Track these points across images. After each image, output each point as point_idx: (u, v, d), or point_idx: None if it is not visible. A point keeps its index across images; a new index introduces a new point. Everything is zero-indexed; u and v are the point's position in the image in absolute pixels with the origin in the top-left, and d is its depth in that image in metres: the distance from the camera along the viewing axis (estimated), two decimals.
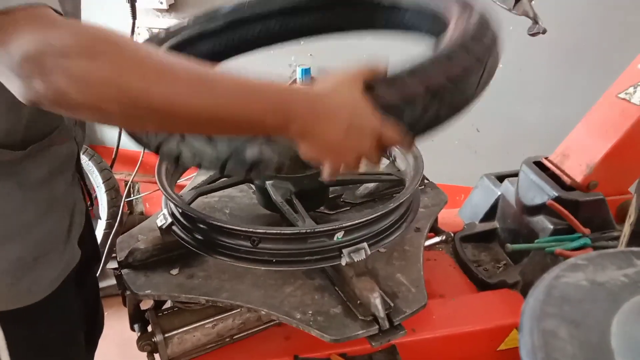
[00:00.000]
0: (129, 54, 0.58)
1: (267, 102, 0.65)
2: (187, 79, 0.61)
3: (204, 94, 0.62)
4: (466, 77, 0.80)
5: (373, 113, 0.72)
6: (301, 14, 1.25)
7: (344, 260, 0.94)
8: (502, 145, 2.13)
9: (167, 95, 0.60)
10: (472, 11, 0.91)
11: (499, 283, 1.29)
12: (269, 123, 0.66)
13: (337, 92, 0.70)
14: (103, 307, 1.29)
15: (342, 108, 0.69)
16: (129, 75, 0.58)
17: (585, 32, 1.86)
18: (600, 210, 1.26)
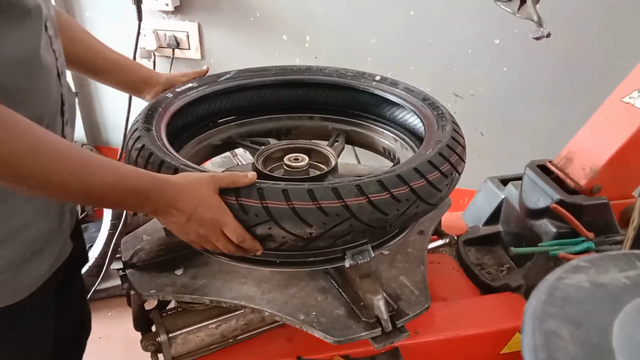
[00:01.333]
0: (28, 139, 0.68)
1: (129, 188, 0.80)
2: (74, 167, 0.73)
3: (92, 181, 0.75)
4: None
5: (219, 207, 0.85)
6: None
7: (347, 262, 0.94)
8: (506, 149, 2.13)
9: (55, 178, 0.72)
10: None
11: (502, 286, 1.29)
12: (130, 204, 0.83)
13: (189, 184, 0.85)
14: (90, 308, 1.29)
15: (187, 197, 0.84)
16: (26, 160, 0.68)
17: (589, 35, 1.86)
18: (604, 214, 1.25)
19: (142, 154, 0.95)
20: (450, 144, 1.00)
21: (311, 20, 2.12)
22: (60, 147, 0.73)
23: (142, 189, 0.81)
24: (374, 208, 0.84)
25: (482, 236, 1.48)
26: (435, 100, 1.21)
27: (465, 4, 1.91)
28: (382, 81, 1.30)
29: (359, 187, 0.84)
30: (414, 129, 1.24)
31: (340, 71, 1.35)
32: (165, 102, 1.15)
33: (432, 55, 2.03)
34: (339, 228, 0.83)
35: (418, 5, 1.97)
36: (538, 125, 2.04)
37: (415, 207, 0.88)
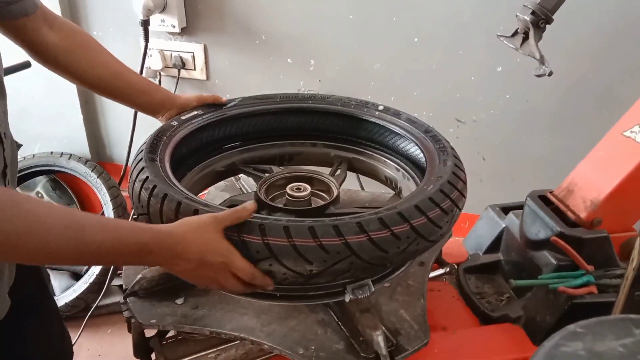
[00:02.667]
0: (19, 219, 0.68)
1: (129, 247, 0.79)
2: (65, 231, 0.72)
3: (75, 241, 0.73)
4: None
5: (226, 249, 0.85)
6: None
7: (347, 297, 0.94)
8: (508, 174, 2.14)
9: (51, 249, 0.72)
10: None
11: (502, 317, 1.29)
12: (127, 260, 0.83)
13: (192, 231, 0.84)
14: (69, 334, 1.28)
15: (192, 246, 0.83)
16: (19, 238, 0.68)
17: (592, 64, 1.87)
18: (604, 247, 1.26)
19: (146, 185, 0.96)
20: (451, 180, 1.01)
21: (316, 44, 2.14)
22: (53, 216, 0.73)
23: (143, 245, 0.80)
24: (374, 246, 0.85)
25: (482, 264, 1.48)
26: (438, 132, 1.22)
27: (469, 31, 1.93)
28: (384, 111, 1.32)
29: (360, 225, 0.85)
30: (416, 159, 1.25)
31: (343, 100, 1.36)
32: (170, 131, 1.17)
33: (436, 81, 2.05)
34: (340, 265, 0.84)
35: (422, 32, 1.99)
36: (540, 152, 2.05)
37: (416, 244, 0.89)
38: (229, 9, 2.19)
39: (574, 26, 1.78)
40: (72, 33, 1.12)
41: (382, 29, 2.03)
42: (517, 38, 1.25)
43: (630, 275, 0.91)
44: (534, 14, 1.21)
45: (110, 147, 2.70)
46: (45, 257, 0.76)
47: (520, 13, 1.24)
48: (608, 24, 1.80)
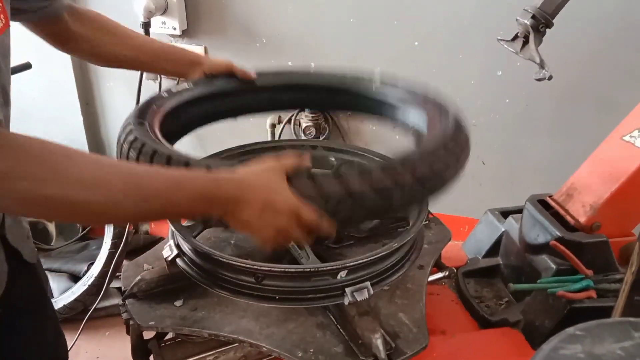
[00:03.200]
0: (74, 174, 0.67)
1: (188, 196, 0.75)
2: (119, 187, 0.70)
3: (136, 198, 0.71)
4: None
5: (290, 196, 0.80)
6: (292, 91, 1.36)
7: (346, 300, 0.95)
8: (507, 178, 2.14)
9: (109, 204, 0.69)
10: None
11: (501, 321, 1.29)
12: (193, 213, 0.79)
13: (256, 176, 0.80)
14: (65, 339, 1.27)
15: (257, 189, 0.79)
16: (75, 194, 0.67)
17: (591, 69, 1.88)
18: (603, 252, 1.26)
19: (134, 145, 0.93)
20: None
21: (316, 47, 2.14)
22: (109, 172, 0.71)
23: (203, 192, 0.76)
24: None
25: (481, 268, 1.48)
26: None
27: (469, 35, 1.93)
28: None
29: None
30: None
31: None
32: (160, 100, 1.15)
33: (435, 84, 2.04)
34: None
35: (422, 36, 1.99)
36: (540, 156, 2.05)
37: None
38: (230, 11, 2.19)
39: (574, 31, 1.78)
40: (92, 19, 1.16)
41: (383, 33, 2.03)
42: (517, 42, 1.26)
43: (630, 279, 0.91)
44: (534, 18, 1.21)
45: (110, 149, 2.70)
46: (106, 217, 0.73)
47: (520, 17, 1.24)
48: (607, 29, 1.80)
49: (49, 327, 1.19)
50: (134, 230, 2.74)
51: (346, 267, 0.96)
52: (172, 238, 1.11)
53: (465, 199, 2.15)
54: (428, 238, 1.28)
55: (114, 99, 2.55)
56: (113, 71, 2.45)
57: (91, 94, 2.57)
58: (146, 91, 2.29)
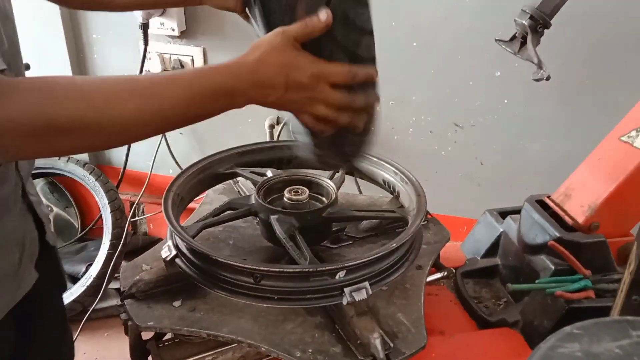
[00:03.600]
0: (91, 97, 0.66)
1: (211, 95, 0.73)
2: (133, 100, 0.68)
3: (154, 107, 0.69)
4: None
5: (308, 62, 0.77)
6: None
7: (345, 300, 0.94)
8: (506, 179, 2.14)
9: (127, 115, 0.67)
10: None
11: (499, 321, 1.29)
12: (216, 108, 0.75)
13: (269, 55, 0.75)
14: (72, 333, 1.28)
15: (275, 69, 0.75)
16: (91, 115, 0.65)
17: (590, 70, 1.88)
18: (602, 252, 1.26)
19: None
20: None
21: None
22: (117, 83, 0.69)
23: (219, 87, 0.73)
24: None
25: (480, 269, 1.48)
26: None
27: (468, 37, 1.93)
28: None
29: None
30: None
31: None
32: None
33: (434, 85, 2.05)
34: None
35: (421, 37, 1.99)
36: (538, 157, 2.06)
37: None
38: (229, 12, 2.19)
39: (572, 31, 1.79)
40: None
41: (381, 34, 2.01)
42: (515, 43, 1.26)
43: (628, 279, 0.91)
44: (532, 19, 1.22)
45: (108, 150, 2.70)
46: (124, 133, 0.70)
47: (518, 18, 1.25)
48: (606, 30, 1.81)
49: (61, 320, 1.22)
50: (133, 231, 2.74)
51: (345, 267, 0.96)
52: (170, 238, 1.11)
53: (463, 200, 2.16)
54: (426, 238, 1.28)
55: None
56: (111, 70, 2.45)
57: None
58: None
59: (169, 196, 1.15)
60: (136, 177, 2.59)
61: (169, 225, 1.07)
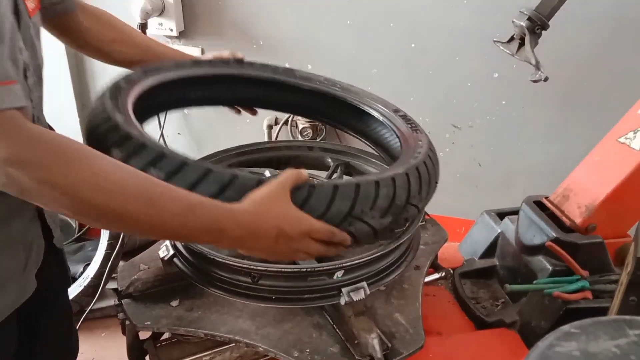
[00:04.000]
0: (82, 171, 0.69)
1: (201, 223, 0.77)
2: (139, 198, 0.72)
3: (153, 213, 0.73)
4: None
5: (300, 217, 0.83)
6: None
7: (343, 300, 0.94)
8: (503, 180, 2.14)
9: (119, 210, 0.71)
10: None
11: (497, 322, 1.29)
12: (202, 239, 0.81)
13: (264, 205, 0.81)
14: (77, 331, 1.29)
15: (269, 220, 0.81)
16: (83, 191, 0.68)
17: (587, 71, 1.89)
18: (599, 253, 1.26)
19: (114, 135, 0.87)
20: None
21: (313, 49, 2.15)
22: (125, 177, 0.73)
23: (215, 222, 0.78)
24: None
25: (477, 269, 1.48)
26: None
27: (466, 38, 1.94)
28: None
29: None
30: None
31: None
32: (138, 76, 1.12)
33: (432, 86, 2.06)
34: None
35: (419, 38, 2.00)
36: (536, 158, 2.06)
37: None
38: (227, 13, 2.20)
39: (570, 33, 1.80)
40: (102, 18, 1.20)
41: (379, 35, 2.04)
42: (513, 44, 1.26)
43: (625, 280, 0.92)
44: (530, 20, 1.22)
45: None
46: (116, 222, 0.74)
47: (516, 19, 1.25)
48: (603, 31, 1.82)
49: (66, 316, 1.24)
50: None
51: (342, 267, 0.96)
52: None
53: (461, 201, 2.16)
54: (424, 239, 1.28)
55: None
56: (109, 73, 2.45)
57: (88, 96, 2.57)
58: None
59: None
60: None
61: None
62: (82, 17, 1.15)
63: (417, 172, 0.95)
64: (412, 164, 0.97)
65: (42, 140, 0.67)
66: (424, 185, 0.96)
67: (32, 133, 0.67)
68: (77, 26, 1.15)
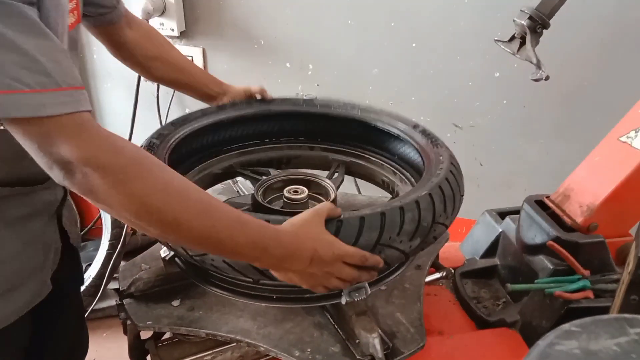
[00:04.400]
0: (155, 180, 0.74)
1: (248, 238, 0.80)
2: (197, 207, 0.77)
3: (208, 223, 0.77)
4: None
5: (333, 241, 0.86)
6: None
7: (344, 299, 0.94)
8: (505, 180, 2.14)
9: (178, 217, 0.75)
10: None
11: (498, 322, 1.29)
12: (249, 254, 0.82)
13: (303, 228, 0.86)
14: (88, 329, 1.31)
15: (306, 242, 0.85)
16: (151, 198, 0.72)
17: (589, 71, 1.88)
18: (600, 252, 1.26)
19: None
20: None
21: (314, 49, 2.15)
22: (188, 188, 0.78)
23: (260, 237, 0.81)
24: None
25: (478, 269, 1.48)
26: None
27: (467, 37, 1.94)
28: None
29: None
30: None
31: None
32: (169, 130, 1.17)
33: (433, 86, 2.06)
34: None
35: (420, 38, 2.00)
36: (537, 158, 2.06)
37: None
38: (228, 13, 2.20)
39: (572, 32, 1.79)
40: (148, 32, 1.25)
41: (381, 34, 2.04)
42: (514, 43, 1.26)
43: (626, 279, 0.91)
44: (531, 19, 1.22)
45: None
46: (173, 228, 0.76)
47: (517, 18, 1.25)
48: (605, 30, 1.81)
49: (78, 313, 1.28)
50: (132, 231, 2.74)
51: None
52: None
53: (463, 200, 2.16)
54: None
55: (112, 101, 2.55)
56: (110, 74, 2.46)
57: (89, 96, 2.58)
58: (144, 94, 2.29)
59: None
60: None
61: None
62: (127, 30, 1.18)
63: (440, 191, 0.97)
64: (435, 182, 0.99)
65: (119, 146, 0.72)
66: (448, 202, 0.99)
67: (110, 137, 0.71)
68: (121, 38, 1.18)
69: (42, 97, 0.65)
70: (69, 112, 0.66)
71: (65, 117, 0.66)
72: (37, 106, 0.65)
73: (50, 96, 0.66)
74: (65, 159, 0.67)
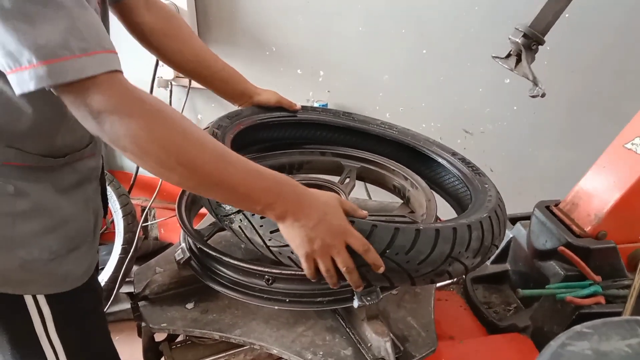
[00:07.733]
0: (175, 126, 0.79)
1: (263, 181, 0.84)
2: (213, 152, 0.81)
3: (221, 166, 0.81)
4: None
5: (342, 217, 0.87)
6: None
7: (356, 303, 0.95)
8: (515, 186, 2.14)
9: (195, 160, 0.79)
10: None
11: (509, 327, 1.29)
12: (262, 199, 0.84)
13: (319, 194, 0.89)
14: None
15: (318, 203, 0.87)
16: (170, 142, 0.78)
17: (598, 78, 1.88)
18: (612, 258, 1.26)
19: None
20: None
21: (325, 55, 2.16)
22: (205, 136, 0.82)
23: (275, 184, 0.84)
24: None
25: (489, 274, 1.49)
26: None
27: (477, 44, 1.94)
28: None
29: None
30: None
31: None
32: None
33: (443, 92, 2.06)
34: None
35: (430, 45, 2.01)
36: (547, 164, 2.06)
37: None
38: (240, 20, 2.22)
39: (580, 40, 1.80)
40: (167, 16, 1.22)
41: (391, 41, 2.05)
42: (511, 59, 1.26)
43: (638, 285, 0.92)
44: (525, 37, 1.21)
45: (120, 155, 2.73)
46: (189, 170, 0.80)
47: (512, 36, 1.25)
48: (614, 38, 1.81)
49: (99, 297, 1.29)
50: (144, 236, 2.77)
51: None
52: (183, 241, 1.12)
53: None
54: None
55: None
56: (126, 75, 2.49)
57: None
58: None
59: (182, 199, 1.17)
60: (147, 182, 2.62)
61: (182, 228, 1.08)
62: (144, 11, 1.18)
63: (495, 215, 1.01)
64: (490, 207, 1.02)
65: (143, 97, 0.78)
66: (502, 226, 1.03)
67: (135, 91, 0.78)
68: (137, 18, 1.18)
69: (84, 61, 0.72)
70: (104, 71, 0.74)
71: (101, 75, 0.74)
72: (80, 69, 0.72)
73: (90, 60, 0.73)
74: (96, 110, 0.74)
